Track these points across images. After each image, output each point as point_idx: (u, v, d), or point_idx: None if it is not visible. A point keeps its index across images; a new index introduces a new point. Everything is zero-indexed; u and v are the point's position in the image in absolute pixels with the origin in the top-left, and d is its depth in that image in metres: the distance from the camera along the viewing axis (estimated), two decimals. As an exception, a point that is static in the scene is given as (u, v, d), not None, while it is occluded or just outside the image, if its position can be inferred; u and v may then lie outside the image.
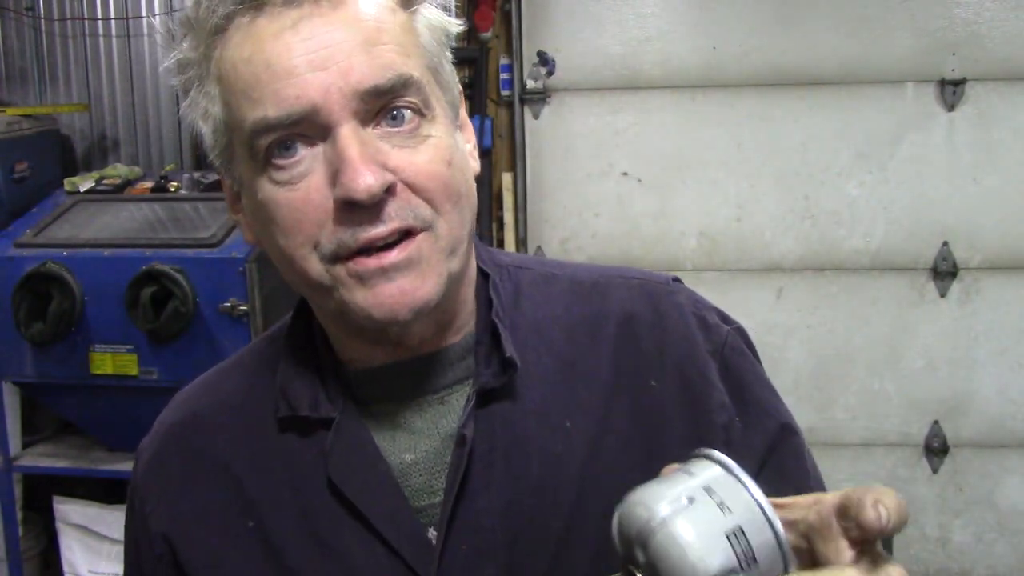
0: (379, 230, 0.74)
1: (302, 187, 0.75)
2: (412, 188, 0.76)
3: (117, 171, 3.04)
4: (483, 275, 0.89)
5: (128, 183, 2.97)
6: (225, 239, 2.59)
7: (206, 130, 0.81)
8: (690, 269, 2.99)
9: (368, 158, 0.73)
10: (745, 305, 2.92)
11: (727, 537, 0.53)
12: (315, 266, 0.76)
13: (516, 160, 3.12)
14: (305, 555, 0.82)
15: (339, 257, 0.75)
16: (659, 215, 3.02)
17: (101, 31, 3.40)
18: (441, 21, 0.82)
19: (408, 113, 0.76)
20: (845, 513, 0.56)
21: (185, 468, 0.89)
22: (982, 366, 2.98)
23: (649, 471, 0.82)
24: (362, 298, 0.76)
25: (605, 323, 0.89)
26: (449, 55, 0.84)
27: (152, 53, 3.40)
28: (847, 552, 0.56)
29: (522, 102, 3.08)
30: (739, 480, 0.55)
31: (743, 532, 0.53)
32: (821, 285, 3.01)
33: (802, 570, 0.56)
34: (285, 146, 0.75)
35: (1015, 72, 2.85)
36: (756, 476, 0.57)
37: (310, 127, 0.74)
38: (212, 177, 2.91)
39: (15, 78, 3.47)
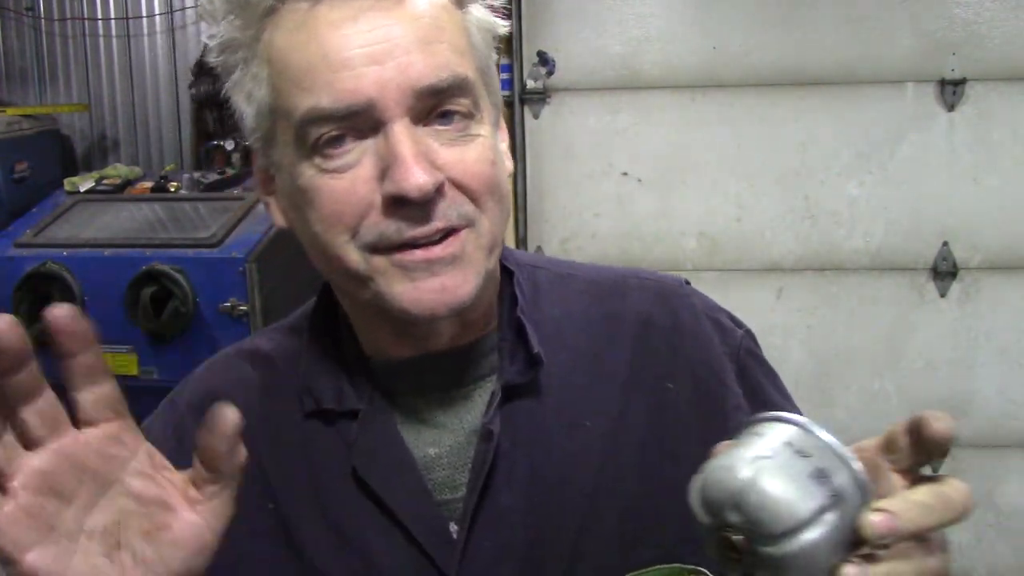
0: (425, 229, 0.74)
1: (348, 177, 0.75)
2: (458, 186, 0.76)
3: (117, 171, 3.04)
4: (506, 272, 0.89)
5: (128, 183, 2.97)
6: (225, 239, 2.59)
7: (249, 112, 0.81)
8: (690, 269, 2.99)
9: (420, 156, 0.73)
10: (745, 305, 2.91)
11: (812, 480, 0.56)
12: (352, 255, 0.76)
13: (516, 160, 3.12)
14: (323, 543, 0.82)
15: (378, 249, 0.75)
16: (659, 215, 3.02)
17: (101, 31, 3.40)
18: (490, 22, 0.83)
19: (458, 114, 0.76)
20: (892, 447, 0.60)
21: None
22: (982, 366, 2.98)
23: (663, 472, 0.84)
24: (401, 291, 0.76)
25: (622, 324, 0.89)
26: (495, 56, 0.84)
27: (152, 53, 3.40)
28: (900, 483, 0.60)
29: (522, 102, 3.08)
30: (806, 428, 0.58)
31: (825, 472, 0.56)
32: (821, 285, 3.01)
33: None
34: (336, 138, 0.74)
35: (1015, 72, 2.85)
36: None
37: (363, 121, 0.74)
38: (212, 177, 2.92)
39: (15, 78, 3.47)
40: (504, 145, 0.86)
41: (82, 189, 2.93)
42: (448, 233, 0.76)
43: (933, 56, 2.87)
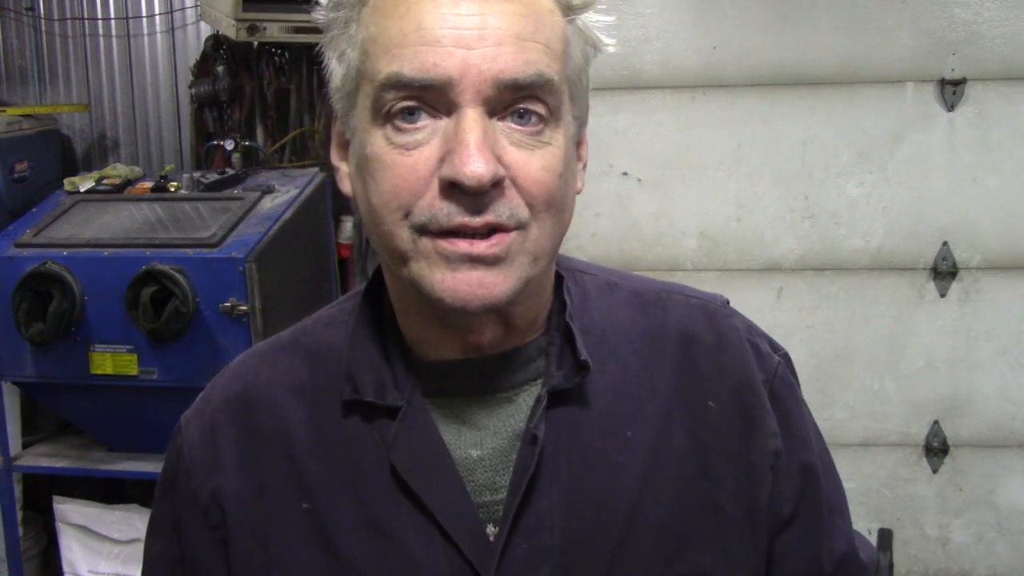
0: (475, 220, 0.74)
1: (414, 155, 0.75)
2: (518, 188, 0.76)
3: (117, 171, 3.04)
4: (556, 277, 0.90)
5: (128, 183, 2.97)
6: (225, 239, 2.59)
7: (338, 71, 0.82)
8: (690, 269, 2.99)
9: (485, 146, 0.73)
10: (745, 305, 2.90)
11: None
12: (403, 233, 0.76)
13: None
14: (359, 542, 0.82)
15: (427, 231, 0.75)
16: (659, 215, 3.02)
17: (101, 31, 3.40)
18: (595, 38, 0.83)
19: (535, 116, 0.76)
20: None
21: (240, 443, 0.87)
22: (982, 366, 2.98)
23: (701, 489, 0.85)
24: (439, 279, 0.76)
25: (666, 338, 0.90)
26: (590, 72, 0.84)
27: (152, 53, 3.40)
28: None
29: (522, 102, 3.08)
30: None
31: None
32: (821, 285, 3.01)
33: None
34: (410, 111, 0.75)
35: (1015, 72, 2.85)
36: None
37: (439, 98, 0.74)
38: (212, 177, 2.92)
39: (15, 78, 3.47)
40: (580, 163, 0.87)
41: (82, 189, 2.93)
42: (496, 230, 0.75)
43: (933, 56, 2.86)
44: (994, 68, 2.85)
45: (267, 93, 3.22)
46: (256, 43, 3.13)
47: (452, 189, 0.74)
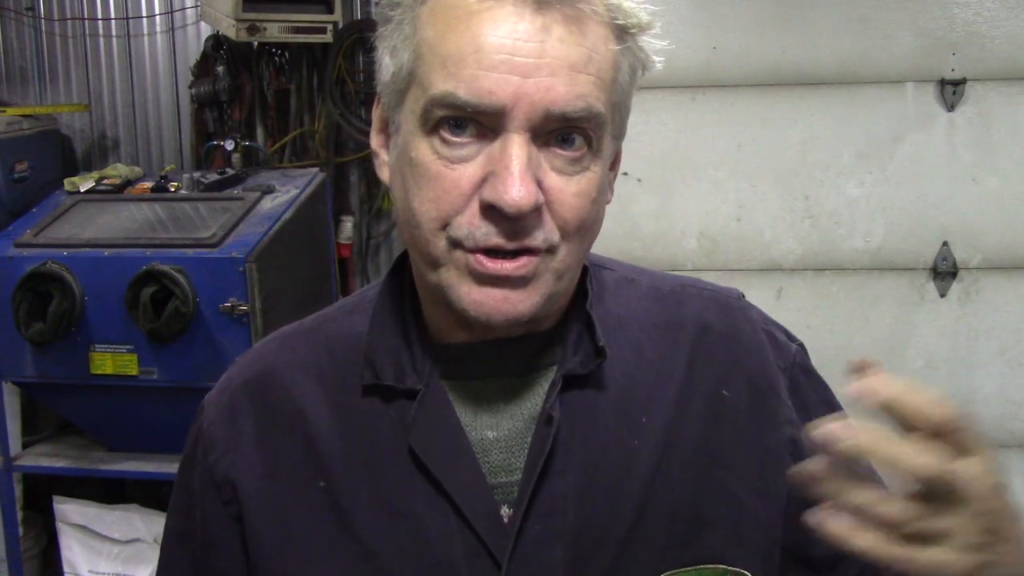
0: (511, 244, 0.76)
1: (458, 169, 0.77)
2: (552, 213, 0.78)
3: (117, 171, 3.04)
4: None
5: (128, 183, 2.97)
6: (225, 239, 2.59)
7: (389, 66, 0.82)
8: (690, 269, 2.99)
9: (528, 175, 0.75)
10: (745, 305, 2.92)
11: None
12: (439, 242, 0.78)
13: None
14: (375, 521, 0.83)
15: (462, 246, 0.77)
16: (659, 215, 3.02)
17: (101, 31, 3.40)
18: (645, 60, 0.86)
19: (580, 140, 0.78)
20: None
21: (258, 423, 0.89)
22: (982, 366, 2.98)
23: (714, 476, 0.86)
24: (466, 292, 0.78)
25: (682, 329, 0.91)
26: (633, 92, 0.86)
27: (152, 53, 3.40)
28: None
29: (522, 102, 3.08)
30: None
31: None
32: (821, 285, 3.01)
33: None
34: (458, 123, 0.76)
35: (1015, 72, 2.85)
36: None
37: (488, 120, 0.75)
38: (212, 177, 2.92)
39: (15, 78, 3.47)
40: (614, 175, 0.89)
41: (82, 189, 2.93)
42: (526, 251, 0.77)
43: (933, 56, 2.86)
44: (994, 68, 2.85)
45: (267, 93, 3.22)
46: (256, 43, 3.13)
47: (492, 211, 0.75)
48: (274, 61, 3.22)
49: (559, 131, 0.77)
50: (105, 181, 2.96)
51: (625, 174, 3.01)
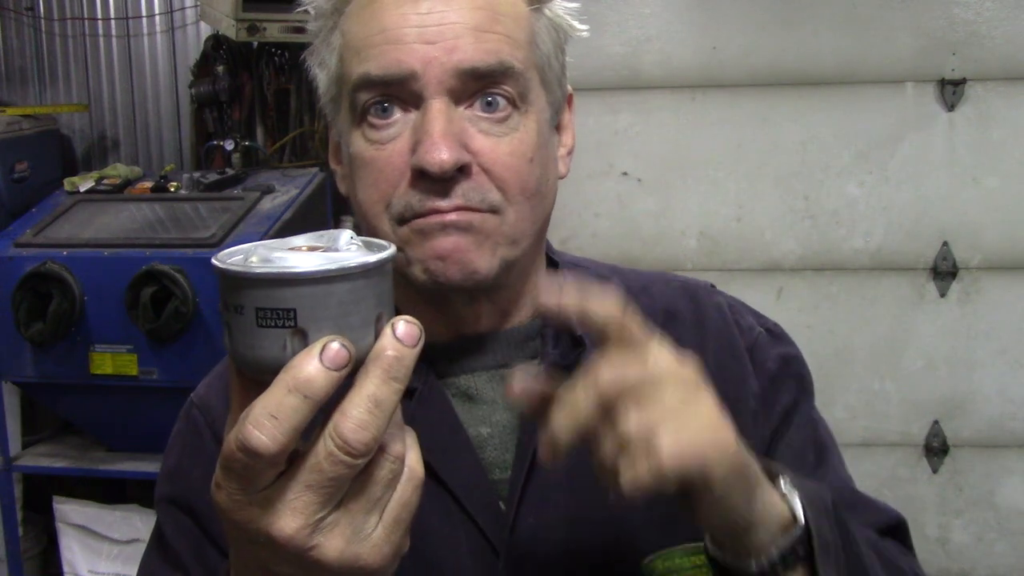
0: (443, 203, 0.79)
1: (388, 148, 0.80)
2: (488, 174, 0.80)
3: (117, 171, 3.04)
4: (552, 264, 0.96)
5: (128, 183, 2.97)
6: (225, 239, 2.59)
7: (322, 78, 0.87)
8: (690, 269, 2.99)
9: (449, 135, 0.78)
10: (745, 305, 2.91)
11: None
12: (385, 225, 0.81)
13: (516, 160, 3.11)
14: None
15: (404, 219, 0.80)
16: (659, 215, 3.02)
17: (101, 31, 3.40)
18: (564, 24, 0.88)
19: (502, 101, 0.81)
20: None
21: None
22: (982, 366, 2.98)
23: None
24: (420, 252, 0.80)
25: (652, 318, 0.93)
26: (563, 57, 0.89)
27: (152, 53, 3.40)
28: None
29: (522, 102, 3.08)
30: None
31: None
32: (821, 285, 3.01)
33: None
34: (382, 107, 0.80)
35: (1015, 72, 2.85)
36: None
37: (406, 92, 0.79)
38: (212, 177, 2.92)
39: (15, 78, 3.47)
40: (563, 149, 0.90)
41: (82, 189, 2.93)
42: (467, 211, 0.80)
43: (933, 56, 2.86)
44: (994, 68, 2.85)
45: (267, 93, 3.22)
46: (256, 43, 3.13)
47: (421, 177, 0.78)
48: (274, 61, 3.22)
49: (480, 92, 0.80)
50: (105, 181, 2.96)
51: (625, 174, 3.01)
